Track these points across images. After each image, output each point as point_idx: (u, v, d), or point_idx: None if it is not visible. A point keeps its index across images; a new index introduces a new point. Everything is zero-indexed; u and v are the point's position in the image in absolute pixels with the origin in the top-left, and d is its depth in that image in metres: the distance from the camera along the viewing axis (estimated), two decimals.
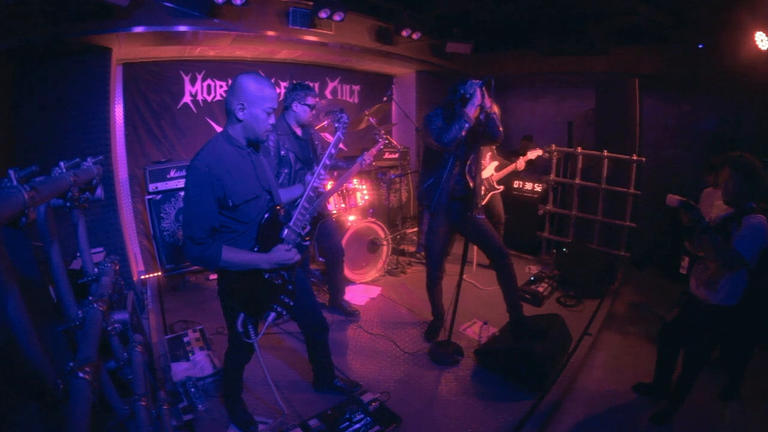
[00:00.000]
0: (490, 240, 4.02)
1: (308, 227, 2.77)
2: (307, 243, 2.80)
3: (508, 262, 4.00)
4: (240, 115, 2.39)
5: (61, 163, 1.83)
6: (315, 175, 2.75)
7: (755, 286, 3.01)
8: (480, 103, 3.52)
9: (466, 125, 3.55)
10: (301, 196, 2.74)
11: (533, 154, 6.09)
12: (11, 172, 1.22)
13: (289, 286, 2.73)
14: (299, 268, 2.94)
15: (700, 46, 5.69)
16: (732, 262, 2.82)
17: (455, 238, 5.52)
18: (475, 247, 6.04)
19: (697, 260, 3.21)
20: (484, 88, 3.52)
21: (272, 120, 2.44)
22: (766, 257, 2.90)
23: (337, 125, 2.86)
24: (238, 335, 2.62)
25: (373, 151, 4.31)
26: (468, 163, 3.89)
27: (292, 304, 2.74)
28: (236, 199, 2.43)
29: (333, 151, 2.76)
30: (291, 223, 2.66)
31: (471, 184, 3.90)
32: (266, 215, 2.59)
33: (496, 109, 3.66)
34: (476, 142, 3.76)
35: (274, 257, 2.56)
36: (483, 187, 5.75)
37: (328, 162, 2.75)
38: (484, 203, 5.84)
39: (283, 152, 3.99)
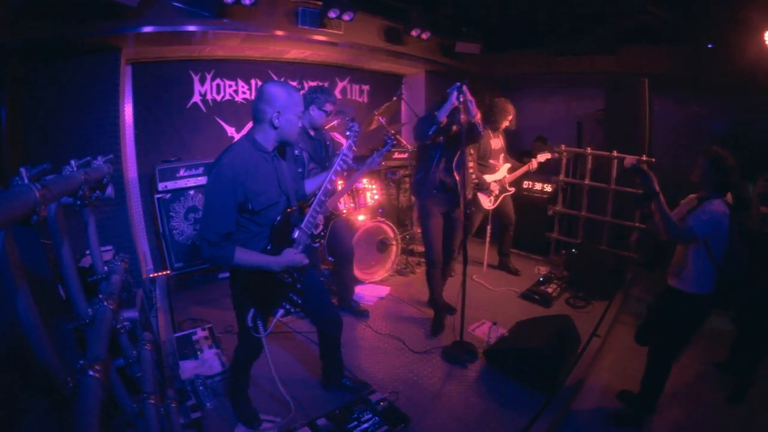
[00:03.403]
0: (453, 239, 4.50)
1: (320, 227, 2.84)
2: (317, 245, 2.89)
3: (450, 262, 4.60)
4: (276, 122, 2.48)
5: (72, 162, 1.84)
6: (326, 180, 2.79)
7: (727, 275, 3.02)
8: (456, 106, 3.78)
9: (434, 127, 3.87)
10: (312, 201, 2.78)
11: (543, 157, 6.07)
12: (23, 170, 1.22)
13: (298, 285, 2.78)
14: (310, 266, 2.97)
15: (709, 46, 5.65)
16: (680, 233, 2.91)
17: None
18: (486, 248, 6.14)
19: (659, 248, 3.36)
20: (465, 93, 3.71)
21: (300, 123, 2.57)
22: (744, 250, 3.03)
23: (348, 133, 2.92)
24: (247, 330, 2.68)
25: (383, 152, 4.32)
26: (454, 159, 4.17)
27: (300, 302, 2.80)
28: (257, 205, 2.51)
29: (344, 158, 2.82)
30: (303, 225, 2.73)
31: (457, 178, 4.17)
32: (279, 217, 2.65)
33: (479, 116, 3.94)
34: (459, 142, 4.00)
35: (283, 260, 2.62)
36: (497, 188, 5.73)
37: (339, 168, 2.81)
38: (495, 205, 5.82)
39: (297, 152, 4.03)
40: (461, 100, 3.72)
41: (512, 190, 6.01)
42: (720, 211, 2.89)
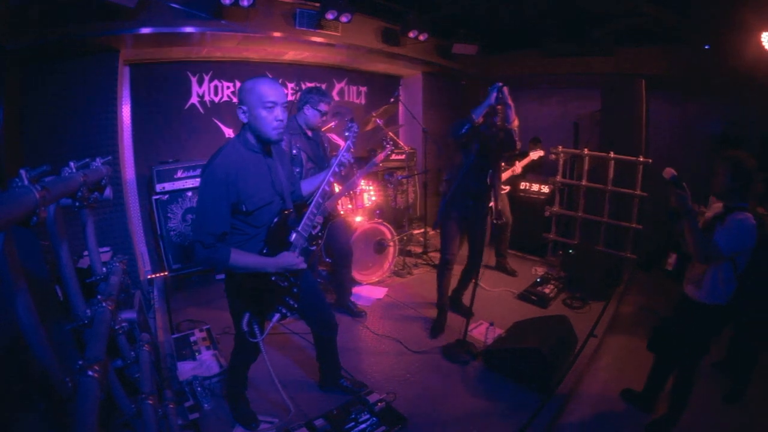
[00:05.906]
0: (480, 242, 4.41)
1: (318, 228, 2.79)
2: (314, 248, 2.83)
3: (479, 266, 4.35)
4: (244, 118, 2.41)
5: (71, 163, 1.84)
6: (323, 182, 2.72)
7: (747, 286, 2.97)
8: (491, 104, 3.84)
9: (467, 125, 3.90)
10: (310, 203, 2.73)
11: (535, 154, 6.11)
12: (23, 172, 1.22)
13: (295, 289, 2.73)
14: (306, 269, 2.95)
15: (706, 47, 5.67)
16: (707, 251, 2.80)
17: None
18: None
19: (685, 258, 3.18)
20: (504, 95, 3.82)
21: (278, 115, 2.38)
22: (758, 260, 2.91)
23: (347, 134, 2.84)
24: (243, 334, 2.64)
25: (381, 156, 4.33)
26: (488, 165, 4.05)
27: (296, 306, 2.74)
28: (250, 206, 2.45)
29: (343, 160, 2.76)
30: (300, 228, 2.67)
31: (486, 186, 4.12)
32: (275, 219, 2.60)
33: (516, 123, 3.94)
34: (496, 149, 4.01)
35: (281, 262, 2.56)
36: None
37: (337, 170, 2.75)
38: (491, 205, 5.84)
39: (294, 151, 4.02)
40: (502, 101, 3.83)
41: (507, 188, 6.03)
42: (748, 224, 2.74)
